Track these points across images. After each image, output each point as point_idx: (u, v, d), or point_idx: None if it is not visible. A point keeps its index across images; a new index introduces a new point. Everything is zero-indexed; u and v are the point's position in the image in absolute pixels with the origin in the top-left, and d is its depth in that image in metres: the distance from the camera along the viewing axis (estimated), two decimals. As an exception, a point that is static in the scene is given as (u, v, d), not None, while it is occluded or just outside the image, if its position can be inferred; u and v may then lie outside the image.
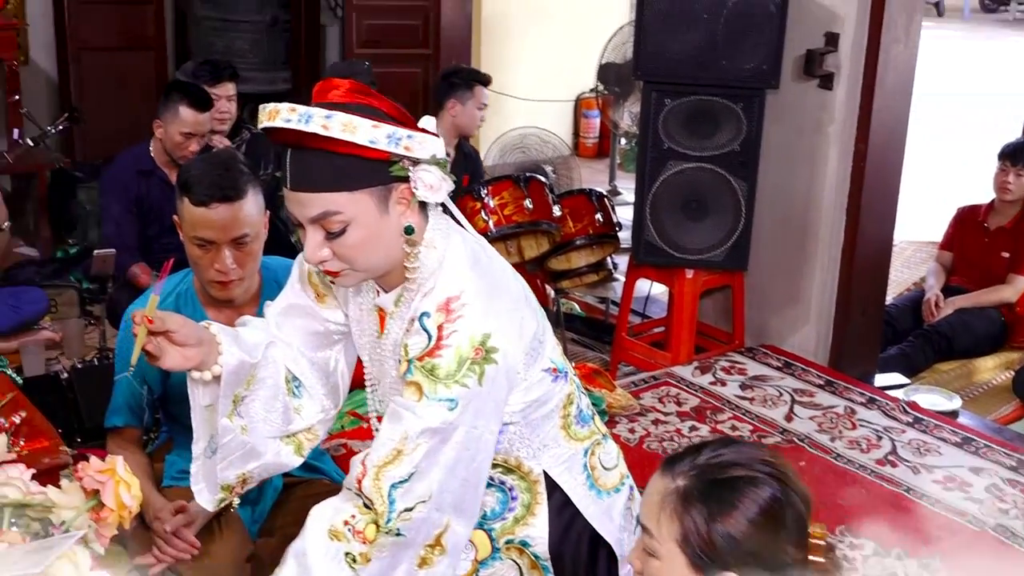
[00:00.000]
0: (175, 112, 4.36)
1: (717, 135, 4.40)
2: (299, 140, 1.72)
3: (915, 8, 4.40)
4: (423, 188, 1.78)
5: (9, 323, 4.38)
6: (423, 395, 1.77)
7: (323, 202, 1.75)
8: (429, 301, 1.82)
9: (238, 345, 1.94)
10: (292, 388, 2.05)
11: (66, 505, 1.54)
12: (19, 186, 5.86)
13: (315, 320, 2.06)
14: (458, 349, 1.78)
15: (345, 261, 1.80)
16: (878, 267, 4.69)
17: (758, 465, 1.55)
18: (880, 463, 3.90)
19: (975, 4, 18.06)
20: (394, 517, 1.79)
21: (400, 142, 1.74)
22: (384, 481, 1.79)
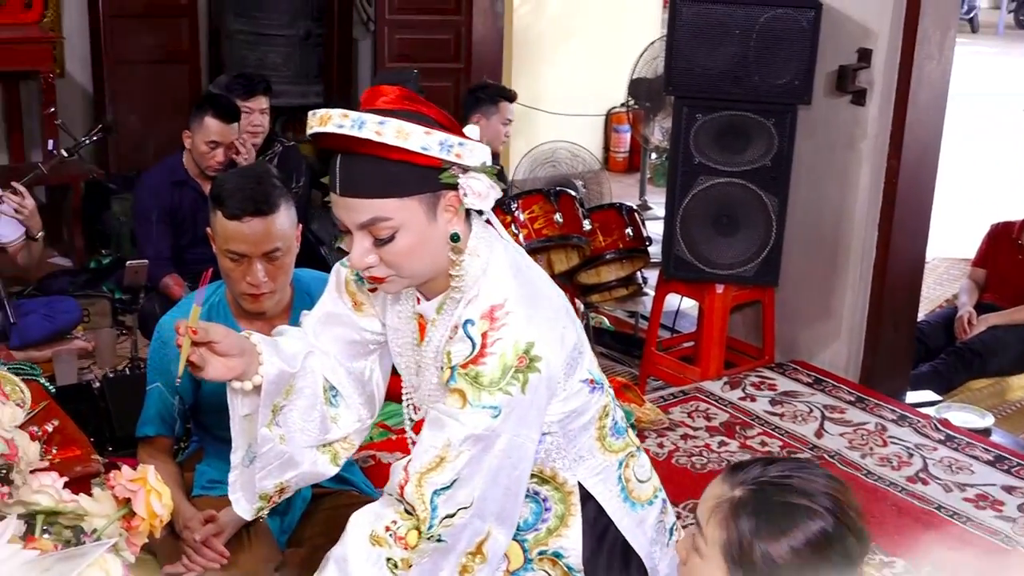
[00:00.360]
0: (201, 122, 4.40)
1: (748, 150, 4.39)
2: (350, 146, 1.73)
3: (949, 24, 4.38)
4: (472, 196, 1.78)
5: (42, 332, 4.42)
6: (467, 402, 1.77)
7: (372, 208, 1.75)
8: (473, 309, 1.82)
9: (278, 355, 1.94)
10: (329, 397, 2.05)
11: (98, 513, 1.55)
12: (54, 197, 5.91)
13: (352, 329, 2.06)
14: (502, 357, 1.77)
15: (392, 268, 1.81)
16: (910, 283, 4.66)
17: (821, 499, 1.53)
18: (911, 480, 3.87)
19: (1010, 20, 17.93)
20: (436, 523, 1.78)
21: (452, 149, 1.74)
22: (427, 487, 1.78)
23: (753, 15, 4.26)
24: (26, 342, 4.25)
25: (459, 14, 6.02)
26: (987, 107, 11.47)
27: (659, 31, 7.77)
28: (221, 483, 2.83)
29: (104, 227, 5.73)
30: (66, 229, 5.76)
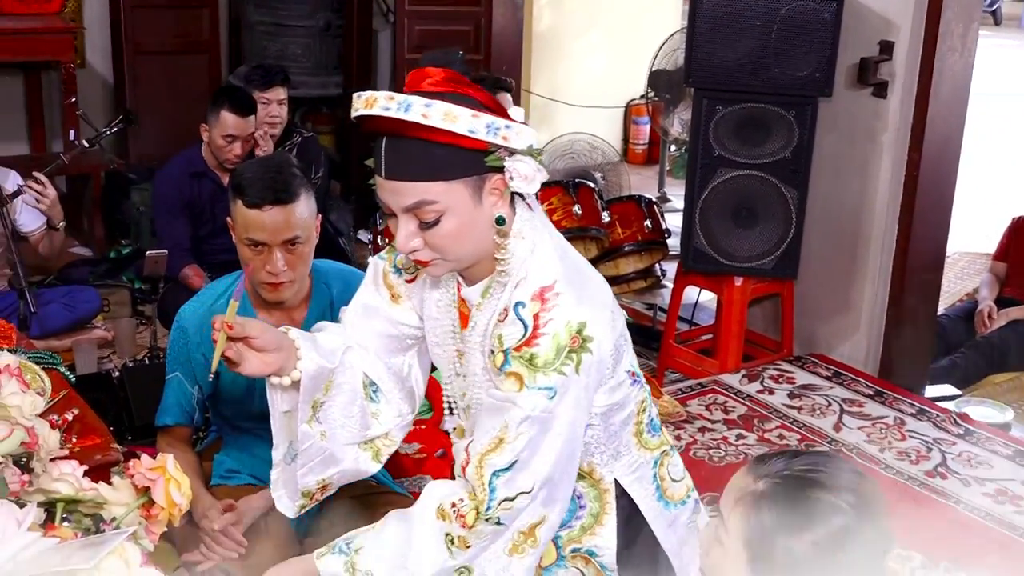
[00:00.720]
0: (217, 115, 4.41)
1: (768, 143, 4.37)
2: (396, 129, 1.70)
3: (972, 17, 4.35)
4: (518, 179, 1.76)
5: (63, 322, 4.45)
6: (524, 385, 1.76)
7: (419, 191, 1.73)
8: (523, 291, 1.80)
9: (316, 350, 1.93)
10: (370, 393, 2.04)
11: (117, 502, 1.56)
12: (74, 187, 5.94)
13: (389, 323, 2.04)
14: (555, 337, 1.76)
15: (437, 251, 1.79)
16: (931, 277, 4.64)
17: (844, 494, 1.52)
18: (930, 475, 3.86)
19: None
20: (494, 506, 1.77)
21: (499, 132, 1.72)
22: (486, 469, 1.77)
23: (774, 6, 4.24)
24: (46, 331, 4.27)
25: (479, 5, 6.01)
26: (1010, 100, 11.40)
27: (679, 23, 7.75)
28: (239, 472, 2.85)
29: (124, 217, 5.75)
30: (86, 219, 5.78)
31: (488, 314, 1.87)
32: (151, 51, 6.20)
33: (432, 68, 1.77)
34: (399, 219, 1.78)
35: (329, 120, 7.01)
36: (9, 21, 5.66)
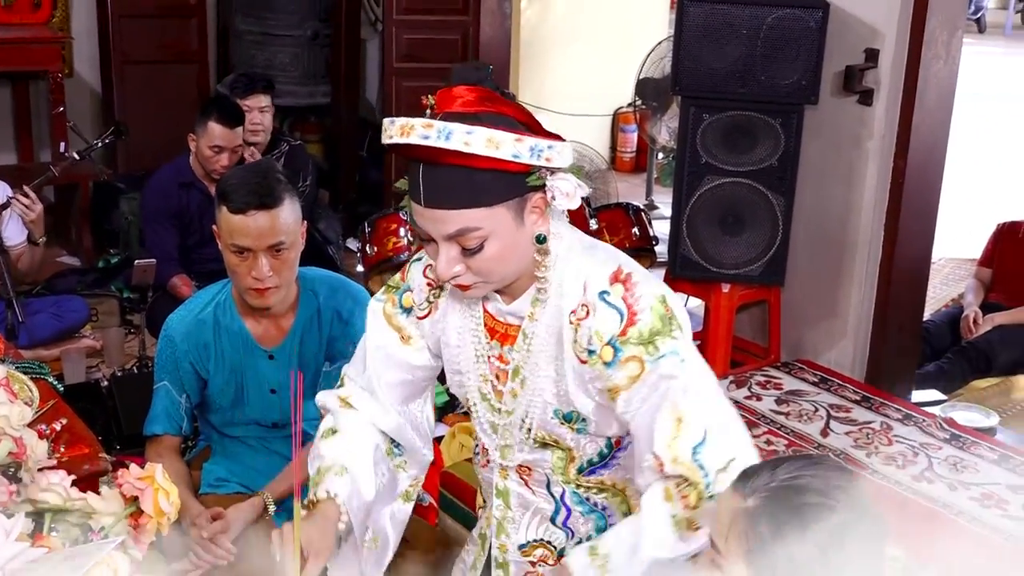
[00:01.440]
0: (205, 125, 4.39)
1: (755, 150, 4.39)
2: (434, 157, 1.63)
3: (956, 24, 4.37)
4: (560, 196, 1.72)
5: (51, 331, 4.43)
6: (644, 363, 1.73)
7: (461, 219, 1.67)
8: (596, 281, 1.77)
9: (359, 494, 1.91)
10: (392, 451, 2.03)
11: (105, 511, 1.55)
12: (62, 197, 5.92)
13: (403, 369, 1.98)
14: (654, 310, 1.74)
15: (480, 275, 1.74)
16: (916, 283, 4.65)
17: (834, 493, 1.52)
18: (916, 479, 3.87)
19: (1017, 20, 17.90)
20: (712, 480, 1.71)
21: (542, 154, 1.66)
22: (684, 453, 1.71)
23: (760, 15, 4.25)
24: (34, 341, 4.25)
25: (467, 14, 6.02)
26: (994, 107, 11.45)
27: (666, 31, 7.76)
28: (228, 481, 2.85)
29: (112, 226, 5.74)
30: (74, 228, 5.76)
31: (549, 321, 1.81)
32: (139, 60, 6.20)
33: (461, 88, 1.73)
34: (440, 246, 1.71)
35: (317, 129, 7.00)
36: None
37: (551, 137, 1.72)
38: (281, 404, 2.80)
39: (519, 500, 1.97)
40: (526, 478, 1.94)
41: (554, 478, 1.92)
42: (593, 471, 1.90)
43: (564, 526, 1.95)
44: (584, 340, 1.77)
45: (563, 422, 1.84)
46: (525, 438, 1.89)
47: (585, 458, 1.89)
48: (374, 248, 4.60)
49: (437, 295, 1.94)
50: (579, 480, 1.90)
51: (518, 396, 1.87)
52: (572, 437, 1.86)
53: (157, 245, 4.54)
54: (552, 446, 1.88)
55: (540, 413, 1.85)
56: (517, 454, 1.92)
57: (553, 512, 1.95)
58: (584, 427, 1.84)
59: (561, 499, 1.93)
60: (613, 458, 1.90)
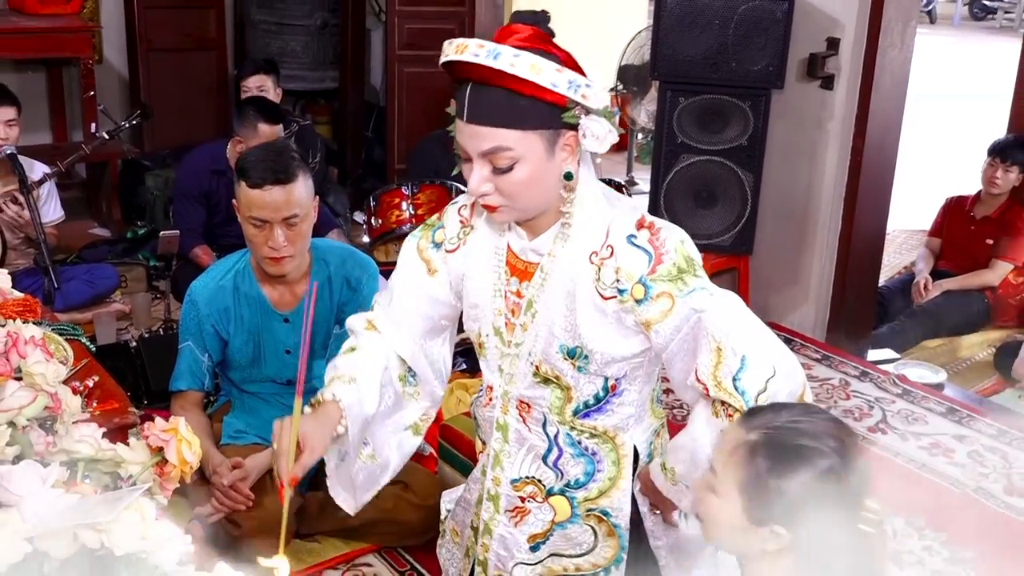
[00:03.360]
0: (253, 128, 4.24)
1: (726, 131, 4.37)
2: (482, 76, 1.64)
3: (910, 16, 4.34)
4: (590, 137, 1.70)
5: (84, 297, 4.42)
6: (674, 298, 1.72)
7: (496, 137, 1.66)
8: (621, 226, 1.75)
9: (360, 404, 1.85)
10: (407, 379, 1.96)
11: (133, 461, 1.55)
12: (93, 173, 5.89)
13: (427, 302, 1.94)
14: (679, 251, 1.74)
15: (506, 197, 1.72)
16: (872, 252, 4.65)
17: (827, 440, 1.53)
18: (872, 431, 3.88)
19: (964, 12, 17.86)
20: (752, 402, 1.69)
21: (579, 89, 1.66)
22: (725, 381, 1.69)
23: (732, 6, 4.23)
24: (69, 305, 4.24)
25: (463, 6, 5.98)
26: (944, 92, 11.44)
27: (646, 21, 7.71)
28: (247, 433, 2.85)
29: (139, 200, 5.71)
30: (105, 202, 5.73)
31: (571, 258, 1.78)
32: (163, 48, 6.15)
33: (520, 25, 1.72)
34: (474, 164, 1.71)
35: (326, 111, 6.96)
36: (33, 21, 5.61)
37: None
38: (295, 363, 2.80)
39: (516, 435, 1.93)
40: (524, 415, 1.91)
41: (550, 417, 1.88)
42: (588, 414, 1.87)
43: (555, 466, 1.92)
44: (609, 279, 1.75)
45: (566, 357, 1.81)
46: (529, 371, 1.86)
47: (581, 399, 1.85)
48: (379, 220, 4.58)
49: (467, 232, 1.91)
50: (573, 422, 1.87)
51: (528, 329, 1.84)
52: (572, 375, 1.83)
53: (184, 219, 4.51)
54: (553, 383, 1.85)
55: (546, 346, 1.82)
56: (520, 388, 1.88)
57: (546, 450, 1.91)
58: (585, 365, 1.81)
59: (555, 439, 1.90)
60: (607, 402, 1.86)
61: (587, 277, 1.77)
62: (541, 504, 1.95)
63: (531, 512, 1.95)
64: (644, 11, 8.24)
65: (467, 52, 1.63)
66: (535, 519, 1.95)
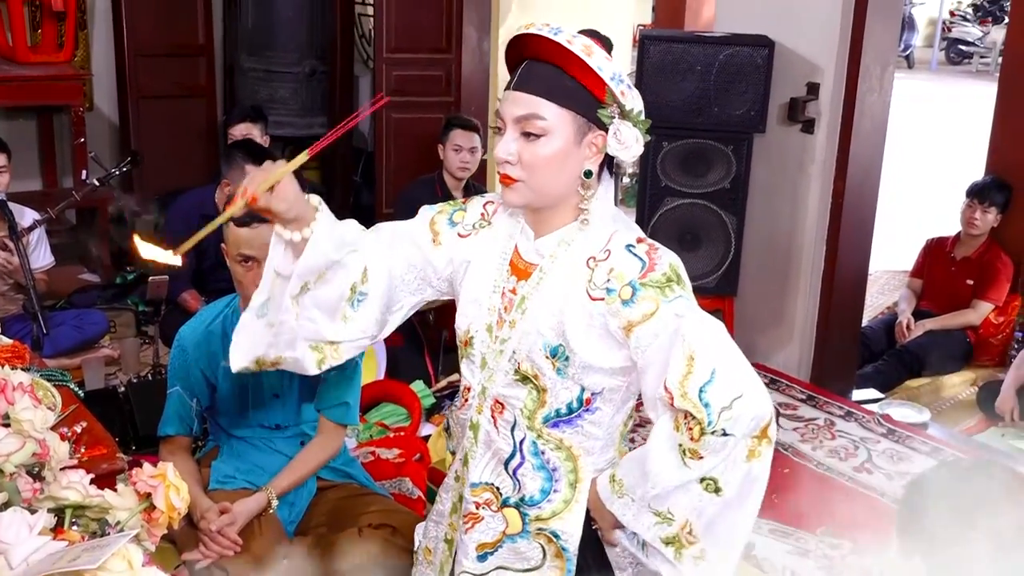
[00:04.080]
0: (241, 169, 4.26)
1: (709, 174, 4.40)
2: (538, 51, 1.74)
3: (888, 61, 4.40)
4: (615, 142, 1.77)
5: (73, 342, 4.40)
6: (659, 301, 1.74)
7: (535, 104, 1.74)
8: (622, 237, 1.80)
9: (330, 234, 1.80)
10: (355, 299, 1.87)
11: (121, 507, 1.54)
12: (83, 219, 5.89)
13: (420, 257, 1.92)
14: (671, 266, 1.77)
15: (525, 169, 1.76)
16: (855, 293, 4.67)
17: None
18: (857, 470, 3.87)
19: (941, 57, 18.07)
20: (715, 419, 1.69)
21: (621, 84, 1.76)
22: (691, 390, 1.71)
23: (713, 53, 4.27)
24: (58, 351, 4.22)
25: (449, 53, 6.03)
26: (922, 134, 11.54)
27: (630, 67, 7.78)
28: (235, 478, 2.83)
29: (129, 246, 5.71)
30: (94, 248, 5.73)
31: (569, 262, 1.81)
32: (153, 95, 6.18)
33: (585, 37, 1.80)
34: (507, 130, 1.77)
35: (315, 157, 6.97)
36: (25, 69, 5.63)
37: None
38: (283, 408, 2.79)
39: (485, 437, 1.92)
40: (496, 416, 1.90)
41: (520, 421, 1.87)
42: (557, 424, 1.86)
43: (514, 474, 1.90)
44: (601, 280, 1.78)
45: (549, 356, 1.81)
46: (510, 368, 1.86)
47: (555, 406, 1.85)
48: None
49: (483, 226, 1.93)
50: (541, 430, 1.86)
51: (516, 326, 1.85)
52: (551, 375, 1.82)
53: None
54: (531, 382, 1.84)
55: (531, 343, 1.83)
56: (498, 386, 1.88)
57: (509, 455, 1.90)
58: (565, 367, 1.81)
59: (520, 444, 1.88)
60: (579, 416, 1.86)
61: (581, 278, 1.80)
62: (495, 513, 1.93)
63: (484, 520, 1.94)
64: (628, 57, 8.32)
65: (533, 28, 1.75)
66: (487, 527, 1.94)
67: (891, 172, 5.13)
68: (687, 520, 1.79)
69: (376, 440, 3.76)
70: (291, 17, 6.65)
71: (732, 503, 1.78)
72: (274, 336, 1.88)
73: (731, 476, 1.76)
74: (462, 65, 6.05)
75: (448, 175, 4.86)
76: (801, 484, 3.72)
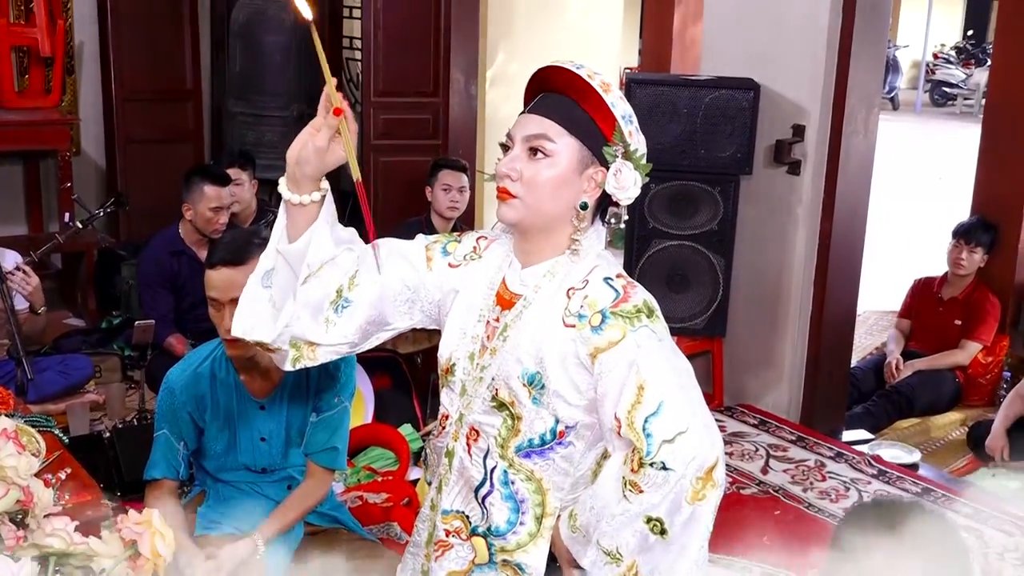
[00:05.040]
0: (201, 192, 4.42)
1: (697, 216, 4.42)
2: (558, 84, 1.82)
3: (872, 103, 4.44)
4: (614, 181, 1.82)
5: (58, 387, 4.37)
6: (626, 331, 1.76)
7: (546, 126, 1.80)
8: (603, 271, 1.84)
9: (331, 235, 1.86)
10: (339, 303, 1.87)
11: (106, 554, 1.52)
12: (69, 263, 5.87)
13: (413, 277, 1.93)
14: (645, 302, 1.80)
15: (524, 185, 1.80)
16: (843, 333, 4.69)
17: None
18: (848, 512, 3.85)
19: (926, 99, 18.27)
20: (654, 450, 1.71)
21: (630, 124, 1.82)
22: (638, 420, 1.73)
23: (699, 96, 4.31)
24: (42, 396, 4.19)
25: (437, 96, 6.07)
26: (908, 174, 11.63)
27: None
28: (221, 523, 2.80)
29: (115, 290, 5.69)
30: (80, 292, 5.71)
31: (551, 293, 1.85)
32: (140, 140, 6.20)
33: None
34: (515, 148, 1.82)
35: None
36: (11, 114, 5.64)
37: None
38: (270, 451, 2.78)
39: (459, 464, 1.93)
40: (471, 443, 1.91)
41: (493, 450, 1.88)
42: (529, 455, 1.86)
43: (483, 502, 1.90)
44: (575, 307, 1.81)
45: (526, 384, 1.83)
46: (488, 395, 1.87)
47: (527, 436, 1.85)
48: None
49: (474, 259, 1.95)
50: (513, 460, 1.87)
51: (497, 353, 1.87)
52: (527, 404, 1.84)
53: (154, 308, 4.51)
54: (507, 409, 1.86)
55: (509, 370, 1.85)
56: (475, 414, 1.89)
57: (479, 483, 1.91)
58: (540, 395, 1.83)
59: (491, 473, 1.89)
60: (551, 449, 1.86)
61: (559, 307, 1.83)
62: (464, 542, 1.94)
63: (454, 548, 1.95)
64: (614, 100, 8.37)
65: (556, 63, 1.83)
66: (456, 556, 1.95)
67: (877, 213, 5.16)
68: (634, 561, 1.79)
69: (364, 484, 3.74)
70: (279, 61, 6.69)
71: (675, 547, 1.78)
72: (273, 320, 1.88)
73: (676, 518, 1.76)
74: (449, 108, 6.10)
75: (437, 216, 4.88)
76: (792, 526, 3.71)
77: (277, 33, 6.70)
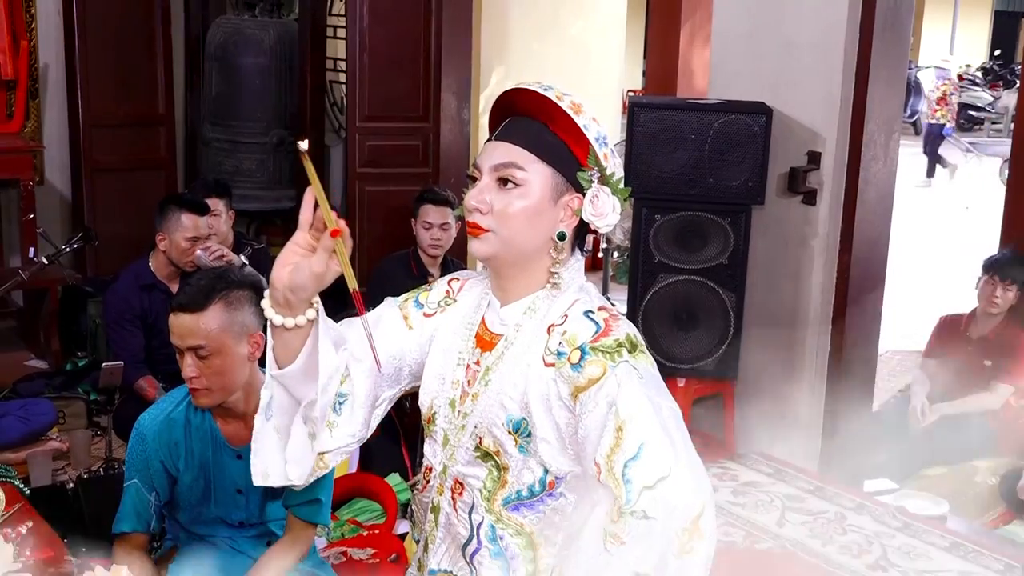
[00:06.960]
0: (177, 220, 4.42)
1: (706, 249, 4.44)
2: (528, 108, 1.82)
3: (893, 127, 4.47)
4: (591, 208, 1.83)
5: (18, 434, 4.36)
6: (606, 367, 1.75)
7: (515, 154, 1.80)
8: (583, 305, 1.83)
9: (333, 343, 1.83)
10: (336, 403, 1.88)
11: (71, 614, 1.53)
12: (31, 301, 5.87)
13: (394, 346, 1.95)
14: (627, 336, 1.79)
15: (496, 218, 1.80)
16: (865, 375, 4.69)
17: None
18: (872, 568, 3.85)
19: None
20: (633, 496, 1.70)
21: (604, 147, 1.83)
22: (617, 465, 1.72)
23: (707, 121, 4.34)
24: (1, 444, 4.19)
25: (427, 122, 6.10)
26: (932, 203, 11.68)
27: (619, 136, 7.89)
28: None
29: (80, 329, 5.69)
30: (43, 332, 5.70)
31: (533, 331, 1.85)
32: (109, 168, 6.22)
33: None
34: (482, 178, 1.82)
35: (283, 232, 7.01)
36: (-31, 142, 5.66)
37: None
38: (247, 504, 2.77)
39: (445, 519, 1.93)
40: (456, 497, 1.90)
41: (479, 504, 1.88)
42: (518, 507, 1.86)
43: (471, 561, 1.90)
44: (555, 344, 1.81)
45: (511, 431, 1.83)
46: (471, 444, 1.87)
47: (515, 488, 1.85)
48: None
49: (448, 303, 1.97)
50: (501, 513, 1.86)
51: (479, 399, 1.87)
52: (513, 453, 1.83)
53: (123, 348, 4.50)
54: (492, 459, 1.85)
55: (493, 416, 1.84)
56: (459, 465, 1.89)
57: (465, 541, 1.90)
58: (527, 443, 1.82)
59: (477, 529, 1.88)
60: (541, 501, 1.85)
61: (540, 346, 1.83)
62: None
63: None
64: (617, 124, 8.43)
65: (524, 84, 1.84)
66: None
67: (899, 245, 5.18)
68: None
69: (348, 539, 3.73)
70: (257, 85, 6.74)
71: None
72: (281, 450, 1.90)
73: (665, 575, 1.74)
74: (440, 135, 6.13)
75: (423, 252, 4.90)
76: (811, 583, 3.70)
77: (256, 55, 6.76)
